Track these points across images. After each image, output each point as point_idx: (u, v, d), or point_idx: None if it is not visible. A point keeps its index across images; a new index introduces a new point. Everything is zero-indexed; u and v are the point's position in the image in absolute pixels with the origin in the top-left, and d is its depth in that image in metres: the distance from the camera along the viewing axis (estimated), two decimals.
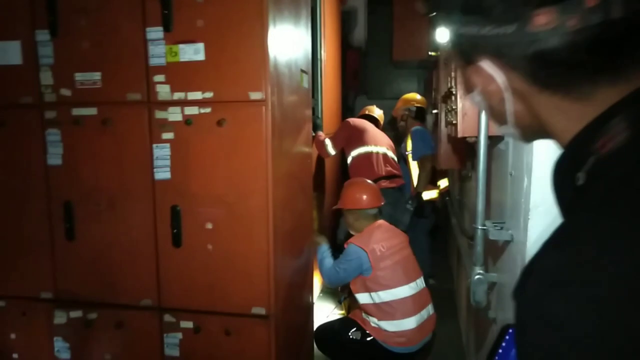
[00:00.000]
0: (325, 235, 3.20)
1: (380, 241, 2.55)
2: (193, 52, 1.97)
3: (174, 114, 2.01)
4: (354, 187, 2.79)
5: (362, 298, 2.55)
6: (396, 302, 2.46)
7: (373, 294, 2.50)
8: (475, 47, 0.53)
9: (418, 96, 4.24)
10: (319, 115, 4.10)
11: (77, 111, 2.09)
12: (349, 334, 2.57)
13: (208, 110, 1.98)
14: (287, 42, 2.21)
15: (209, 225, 2.03)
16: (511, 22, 0.48)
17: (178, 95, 2.00)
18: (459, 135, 1.72)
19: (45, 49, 2.10)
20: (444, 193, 4.22)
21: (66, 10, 2.05)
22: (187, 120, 1.99)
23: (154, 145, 2.04)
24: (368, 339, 2.51)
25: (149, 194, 2.07)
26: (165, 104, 2.01)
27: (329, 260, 2.77)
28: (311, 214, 2.94)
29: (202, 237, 2.04)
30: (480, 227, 1.66)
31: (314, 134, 3.45)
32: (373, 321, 2.52)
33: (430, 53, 3.81)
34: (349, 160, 3.97)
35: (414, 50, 4.69)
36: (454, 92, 1.84)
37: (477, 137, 1.66)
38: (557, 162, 0.53)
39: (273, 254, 2.00)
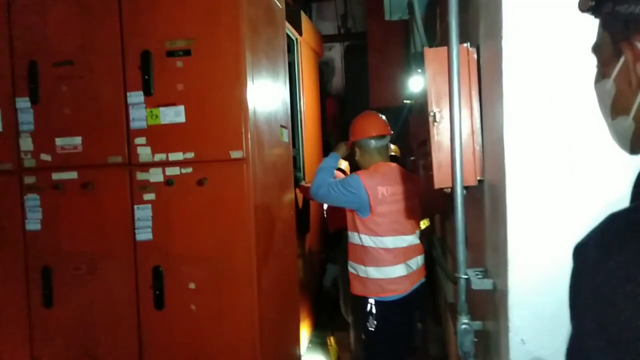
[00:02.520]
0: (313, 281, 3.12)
1: (386, 184, 2.41)
2: (174, 115, 2.01)
3: (155, 175, 2.02)
4: (359, 118, 2.62)
5: (352, 237, 2.46)
6: (385, 250, 2.40)
7: (363, 236, 2.40)
8: (637, 27, 0.56)
9: (392, 145, 4.34)
10: (300, 165, 4.15)
11: (57, 175, 2.09)
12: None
13: (189, 170, 2.00)
14: (267, 100, 2.28)
15: (192, 285, 2.00)
16: None
17: (159, 157, 2.02)
18: (436, 186, 1.77)
19: (25, 116, 2.12)
20: (426, 233, 4.25)
21: (47, 78, 2.09)
22: (169, 181, 2.01)
23: (136, 207, 2.04)
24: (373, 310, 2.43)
25: (130, 255, 2.04)
26: (147, 166, 2.03)
27: (327, 175, 2.49)
28: (295, 263, 2.92)
29: (185, 298, 2.01)
30: (462, 277, 1.68)
31: (297, 186, 3.48)
32: (361, 270, 2.43)
33: (405, 101, 3.95)
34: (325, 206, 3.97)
35: (389, 98, 4.84)
36: (428, 144, 1.91)
37: (453, 187, 1.71)
38: None
39: (258, 311, 1.98)
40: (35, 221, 2.11)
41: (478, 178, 1.74)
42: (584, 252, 0.50)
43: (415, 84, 3.50)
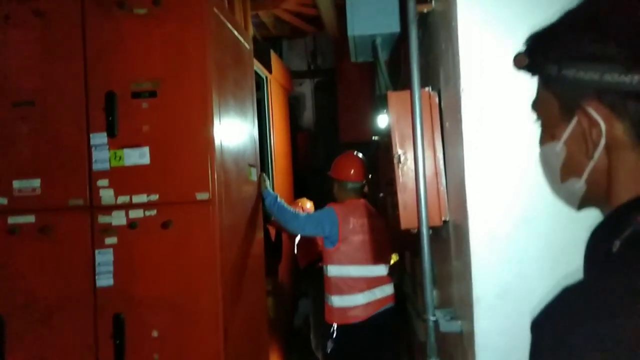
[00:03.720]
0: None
1: (357, 216, 2.65)
2: (138, 156, 1.98)
3: (118, 218, 1.96)
4: (343, 159, 2.91)
5: (324, 269, 2.67)
6: (350, 279, 2.58)
7: (330, 267, 2.61)
8: (587, 92, 0.55)
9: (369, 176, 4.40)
10: None
11: (13, 219, 2.00)
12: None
13: (153, 212, 1.96)
14: (234, 139, 2.28)
15: (155, 333, 1.92)
16: (637, 73, 0.50)
17: (122, 199, 1.97)
18: (402, 227, 1.79)
19: None
20: (396, 268, 4.25)
21: (6, 119, 2.03)
22: (132, 224, 1.95)
23: (97, 251, 1.96)
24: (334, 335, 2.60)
25: (90, 302, 1.95)
26: (109, 209, 1.97)
27: (283, 210, 2.67)
28: (264, 303, 2.86)
29: (148, 347, 1.92)
30: (431, 319, 1.68)
31: (268, 223, 3.45)
32: (329, 299, 2.64)
33: (373, 137, 4.02)
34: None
35: (359, 133, 4.92)
36: (393, 184, 1.93)
37: (419, 228, 1.72)
38: (597, 227, 0.56)
39: (225, 358, 1.91)
40: None
41: (443, 219, 1.77)
42: (541, 328, 0.50)
43: (382, 121, 3.58)
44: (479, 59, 1.41)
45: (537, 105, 0.66)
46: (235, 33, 2.40)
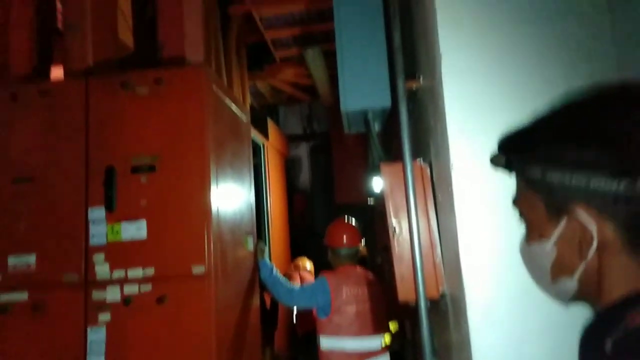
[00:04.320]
0: None
1: (350, 284, 2.59)
2: (135, 230, 1.99)
3: (113, 294, 1.94)
4: (335, 226, 2.90)
5: (318, 341, 2.58)
6: (344, 353, 2.47)
7: (323, 339, 2.51)
8: (574, 197, 0.56)
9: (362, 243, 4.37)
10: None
11: (5, 297, 1.97)
12: None
13: (149, 287, 1.94)
14: (231, 210, 2.30)
15: None
16: (624, 178, 0.51)
17: (118, 274, 1.96)
18: (400, 300, 1.77)
19: None
20: (397, 334, 4.13)
21: (5, 195, 2.05)
22: (126, 300, 1.93)
23: (89, 329, 1.92)
24: None
25: None
26: (104, 284, 1.95)
27: (277, 282, 2.65)
28: None
29: None
30: None
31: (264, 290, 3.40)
32: None
33: (368, 200, 4.06)
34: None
35: (354, 195, 4.98)
36: (388, 255, 1.94)
37: (417, 301, 1.71)
38: (590, 324, 0.55)
39: None
40: None
41: (440, 290, 1.75)
42: None
43: (376, 185, 3.64)
44: (467, 136, 1.46)
45: (519, 203, 0.67)
46: (233, 107, 2.49)
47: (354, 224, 2.92)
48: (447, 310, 1.75)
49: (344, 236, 2.80)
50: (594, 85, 0.60)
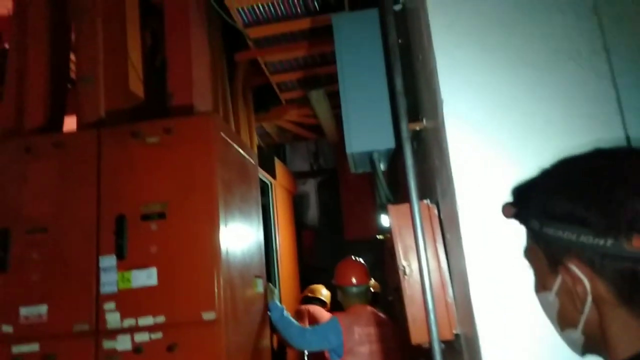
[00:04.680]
0: None
1: (361, 324, 2.55)
2: (146, 277, 2.00)
3: (123, 343, 1.93)
4: (344, 265, 2.91)
5: None
6: None
7: None
8: (567, 250, 0.58)
9: (372, 280, 4.31)
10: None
11: (17, 349, 1.97)
12: None
13: (159, 335, 1.92)
14: (240, 254, 2.30)
15: None
16: (611, 236, 0.52)
17: (128, 322, 1.95)
18: (413, 342, 1.74)
19: None
20: None
21: (19, 246, 2.08)
22: (137, 349, 1.91)
23: None
24: None
25: None
26: (115, 333, 1.95)
27: (289, 325, 2.60)
28: None
29: None
30: None
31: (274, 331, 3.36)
32: None
33: (377, 236, 4.04)
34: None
35: (363, 230, 4.96)
36: (400, 294, 1.92)
37: (430, 343, 1.68)
38: None
39: None
40: None
41: (454, 331, 1.73)
42: None
43: (385, 221, 3.64)
44: (472, 177, 1.48)
45: (527, 254, 0.70)
46: (241, 152, 2.54)
47: (362, 262, 2.92)
48: (462, 350, 1.72)
49: (353, 275, 2.79)
50: (596, 146, 0.62)
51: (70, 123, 2.65)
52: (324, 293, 4.18)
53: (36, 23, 2.62)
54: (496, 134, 1.50)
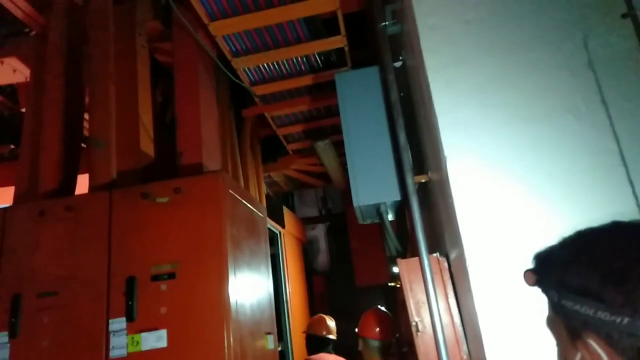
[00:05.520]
0: None
1: None
2: (155, 340, 1.98)
3: None
4: (369, 315, 2.82)
5: None
6: None
7: None
8: (585, 325, 0.57)
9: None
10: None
11: None
12: None
13: None
14: (250, 310, 2.28)
15: None
16: (627, 314, 0.52)
17: None
18: None
19: (1, 352, 2.05)
20: None
21: (30, 310, 2.08)
22: None
23: None
24: None
25: None
26: None
27: None
28: None
29: None
30: None
31: None
32: None
33: (389, 284, 3.98)
34: None
35: (374, 276, 4.90)
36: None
37: None
38: None
39: None
40: None
41: None
42: None
43: (396, 269, 3.59)
44: (479, 232, 1.48)
45: (549, 324, 0.69)
46: (250, 206, 2.57)
47: (389, 315, 2.84)
48: None
49: (377, 328, 2.71)
50: (614, 220, 0.63)
51: (83, 181, 2.71)
52: (331, 327, 3.64)
53: (52, 89, 2.74)
54: (500, 189, 1.51)
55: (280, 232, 4.20)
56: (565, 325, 0.63)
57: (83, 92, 2.93)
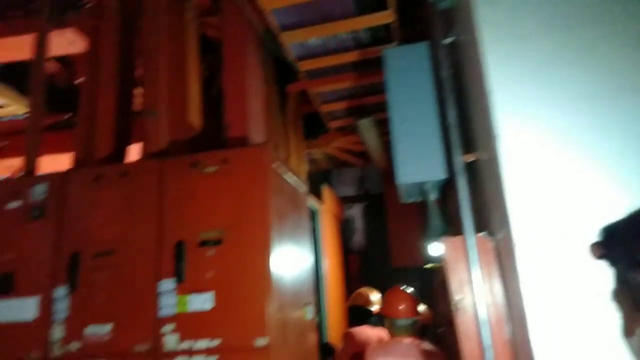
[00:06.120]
0: None
1: (391, 356, 2.49)
2: (202, 302, 2.07)
3: None
4: (392, 294, 2.86)
5: None
6: None
7: None
8: None
9: (421, 307, 4.18)
10: (324, 331, 4.04)
11: None
12: None
13: (214, 359, 1.98)
14: (291, 281, 2.34)
15: None
16: None
17: (185, 345, 2.02)
18: None
19: (61, 304, 2.20)
20: None
21: (87, 268, 2.22)
22: None
23: None
24: None
25: None
26: (173, 354, 2.02)
27: None
28: None
29: None
30: None
31: None
32: None
33: (426, 265, 3.97)
34: None
35: (411, 258, 4.90)
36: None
37: None
38: None
39: None
40: None
41: None
42: None
43: (434, 251, 3.56)
44: (529, 213, 1.46)
45: (615, 296, 0.68)
46: (293, 180, 2.61)
47: (411, 293, 2.85)
48: None
49: (401, 306, 2.74)
50: None
51: (133, 152, 2.83)
52: (372, 299, 3.76)
53: (107, 60, 2.85)
54: (555, 170, 1.47)
55: (318, 209, 4.25)
56: (631, 297, 0.63)
57: (135, 65, 3.04)
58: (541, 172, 1.48)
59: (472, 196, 2.01)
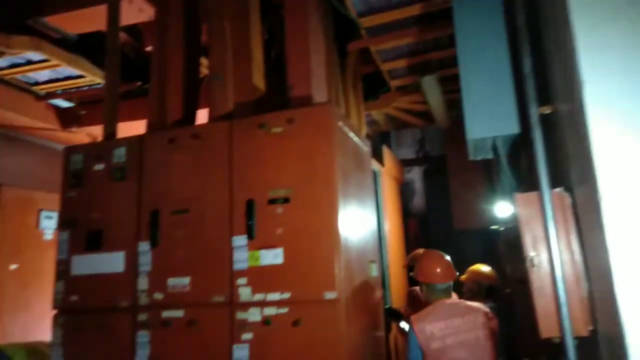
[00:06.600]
0: None
1: (438, 320, 2.40)
2: (272, 257, 2.17)
3: (254, 315, 2.12)
4: (428, 259, 2.73)
5: None
6: None
7: None
8: None
9: (486, 269, 4.10)
10: (387, 286, 4.10)
11: (166, 313, 2.27)
12: None
13: (285, 310, 2.08)
14: (357, 239, 2.38)
15: None
16: None
17: (258, 297, 2.14)
18: (542, 335, 1.67)
19: (144, 258, 2.39)
20: None
21: (166, 225, 2.38)
22: (266, 321, 2.09)
23: (234, 346, 2.12)
24: None
25: None
26: (246, 305, 2.15)
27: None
28: None
29: None
30: None
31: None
32: None
33: (492, 227, 3.87)
34: None
35: (473, 220, 4.79)
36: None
37: (562, 338, 1.60)
38: None
39: None
40: (142, 358, 2.26)
41: (589, 328, 1.62)
42: None
43: (501, 210, 3.46)
44: (615, 165, 1.37)
45: None
46: (356, 140, 2.61)
47: (447, 257, 2.72)
48: (598, 348, 1.61)
49: (438, 270, 2.62)
50: None
51: (202, 117, 2.94)
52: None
53: (174, 27, 2.93)
54: None
55: (379, 171, 4.23)
56: None
57: (200, 32, 3.10)
58: (629, 120, 1.38)
59: (547, 153, 1.91)
